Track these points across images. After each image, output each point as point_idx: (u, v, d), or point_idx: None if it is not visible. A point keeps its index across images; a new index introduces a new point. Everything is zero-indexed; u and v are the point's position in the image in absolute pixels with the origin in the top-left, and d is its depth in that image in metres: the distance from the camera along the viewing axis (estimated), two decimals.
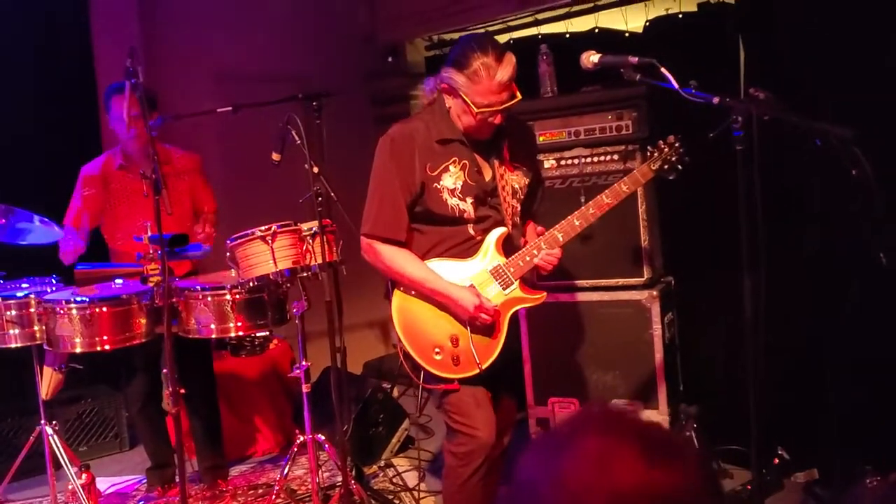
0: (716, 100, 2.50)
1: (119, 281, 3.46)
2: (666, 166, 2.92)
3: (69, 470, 3.67)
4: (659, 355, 3.75)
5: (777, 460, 3.67)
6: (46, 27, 4.89)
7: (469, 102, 2.68)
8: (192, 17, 5.42)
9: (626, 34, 4.76)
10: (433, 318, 2.85)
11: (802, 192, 3.82)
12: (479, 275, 2.85)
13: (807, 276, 3.86)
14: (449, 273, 2.84)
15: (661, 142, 2.94)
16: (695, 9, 4.43)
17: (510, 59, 2.68)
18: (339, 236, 3.42)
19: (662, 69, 2.57)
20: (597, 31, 4.84)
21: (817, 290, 3.88)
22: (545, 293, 2.94)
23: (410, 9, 5.88)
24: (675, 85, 2.55)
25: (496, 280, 2.86)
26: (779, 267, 3.19)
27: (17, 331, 3.52)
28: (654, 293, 3.76)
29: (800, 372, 3.84)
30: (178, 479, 4.04)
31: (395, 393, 4.91)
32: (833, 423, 3.80)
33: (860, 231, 3.35)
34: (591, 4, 4.89)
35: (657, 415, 3.77)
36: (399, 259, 2.84)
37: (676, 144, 2.92)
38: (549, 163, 3.91)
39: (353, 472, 3.86)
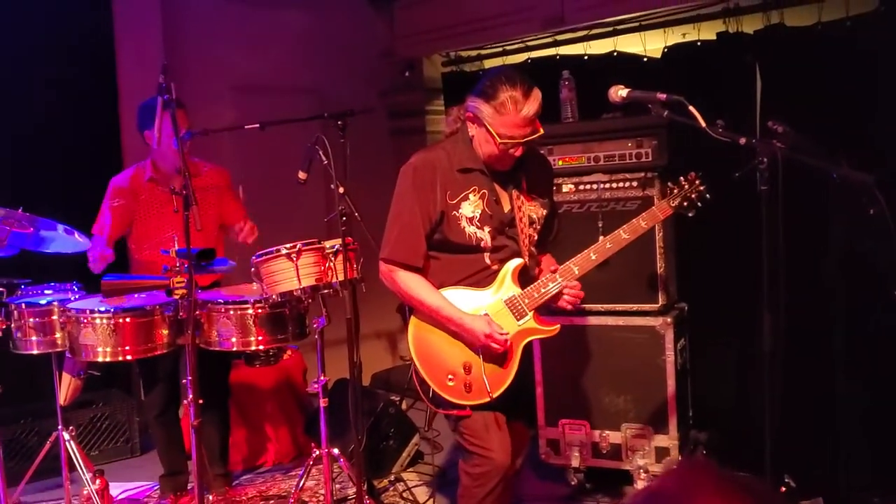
0: (742, 140, 2.55)
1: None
2: (685, 203, 2.95)
3: (85, 475, 3.71)
4: (671, 381, 3.79)
5: (783, 488, 3.71)
6: (70, 38, 4.95)
7: (493, 133, 2.73)
8: (212, 30, 5.50)
9: (645, 59, 4.82)
10: (447, 345, 2.89)
11: (821, 224, 3.88)
12: (493, 304, 2.89)
13: (819, 308, 3.92)
14: (464, 302, 2.88)
15: (681, 178, 2.97)
16: (713, 37, 4.50)
17: (537, 95, 2.73)
18: (360, 253, 3.47)
19: (690, 107, 2.62)
20: (615, 54, 4.91)
21: (829, 321, 3.95)
22: (559, 325, 2.96)
23: (429, 25, 5.94)
24: (703, 124, 2.60)
25: (510, 311, 2.89)
26: (791, 296, 3.25)
27: (38, 338, 3.56)
28: (669, 320, 3.80)
29: (808, 399, 3.89)
30: (190, 487, 4.13)
31: (404, 405, 4.96)
32: (840, 451, 3.85)
33: (876, 266, 3.41)
34: (611, 28, 4.96)
35: (667, 440, 3.81)
36: (415, 285, 2.89)
37: (697, 182, 2.95)
38: (567, 187, 3.96)
39: (365, 486, 3.90)
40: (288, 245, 3.25)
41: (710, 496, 0.98)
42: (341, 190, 3.30)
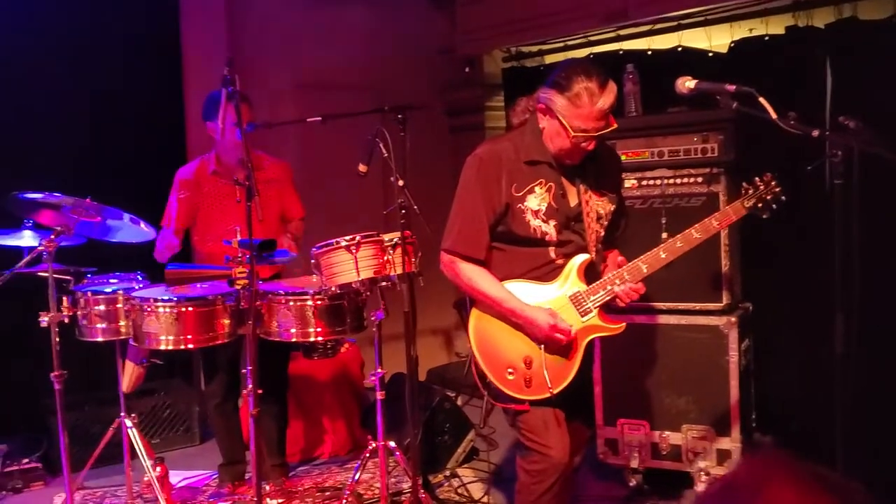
0: (815, 132, 2.46)
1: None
2: (760, 204, 2.86)
3: (146, 462, 3.77)
4: (734, 382, 3.70)
5: None
6: (137, 31, 5.05)
7: (566, 126, 2.67)
8: (275, 25, 5.56)
9: (710, 54, 4.73)
10: (509, 338, 2.85)
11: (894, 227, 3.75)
12: (557, 299, 2.84)
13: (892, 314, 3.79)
14: (527, 295, 2.83)
15: (756, 179, 2.88)
16: (782, 31, 4.39)
17: (612, 88, 2.67)
18: (418, 247, 3.45)
19: (761, 99, 2.54)
20: (680, 49, 4.82)
21: None
22: (624, 324, 2.90)
23: (490, 21, 5.91)
24: (774, 115, 2.52)
25: (575, 307, 2.83)
26: (865, 296, 3.14)
27: (103, 325, 3.64)
28: (733, 319, 3.71)
29: (882, 405, 3.76)
30: (248, 477, 4.17)
31: (459, 402, 4.94)
32: None
33: None
34: (676, 23, 4.87)
35: (729, 442, 3.72)
36: (478, 277, 2.84)
37: (772, 183, 2.86)
38: (630, 182, 3.88)
39: (421, 481, 3.89)
40: (347, 237, 3.26)
41: (785, 487, 0.93)
42: (401, 183, 3.29)
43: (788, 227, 4.04)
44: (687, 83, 2.74)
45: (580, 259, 2.86)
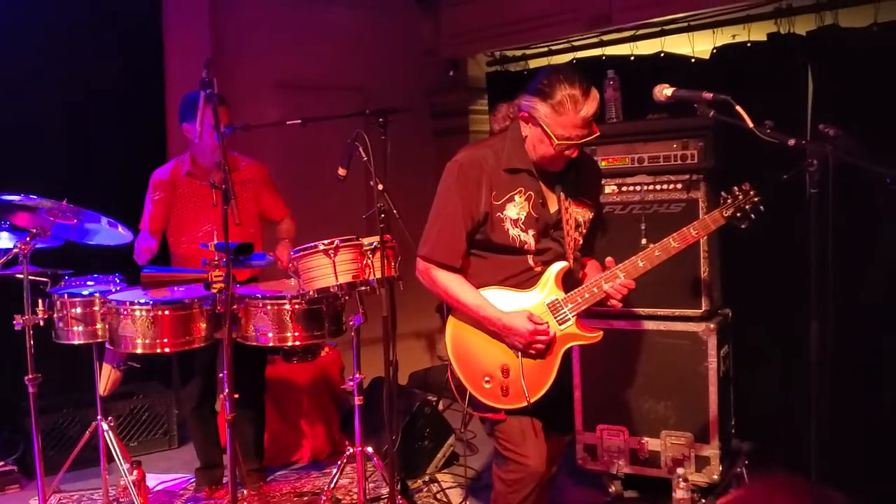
0: (791, 141, 2.46)
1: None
2: (739, 214, 2.83)
3: (122, 466, 3.74)
4: (713, 388, 3.70)
5: None
6: (118, 31, 5.01)
7: (550, 134, 2.65)
8: (259, 26, 5.54)
9: (693, 60, 4.74)
10: (486, 346, 2.82)
11: (870, 231, 3.76)
12: (535, 307, 2.80)
13: (867, 317, 3.80)
14: (505, 303, 2.80)
15: (735, 188, 2.86)
16: (764, 38, 4.40)
17: (595, 95, 2.65)
18: (398, 251, 3.44)
19: (738, 107, 2.53)
20: (662, 55, 4.83)
21: (877, 330, 3.83)
22: (601, 332, 2.87)
23: (474, 24, 5.91)
24: (750, 124, 2.52)
25: (553, 314, 2.81)
26: (839, 304, 3.15)
27: (80, 328, 3.61)
28: (712, 325, 3.71)
29: (856, 411, 3.77)
30: (225, 481, 4.14)
31: (441, 406, 4.93)
32: (891, 465, 3.73)
33: None
34: (658, 29, 4.87)
35: (708, 449, 3.72)
36: (454, 285, 2.81)
37: (751, 193, 2.83)
38: (610, 188, 3.89)
39: (399, 486, 3.88)
40: (326, 241, 3.24)
41: None
42: (380, 187, 3.27)
43: (769, 233, 4.05)
44: (664, 91, 2.73)
45: (558, 266, 2.83)
